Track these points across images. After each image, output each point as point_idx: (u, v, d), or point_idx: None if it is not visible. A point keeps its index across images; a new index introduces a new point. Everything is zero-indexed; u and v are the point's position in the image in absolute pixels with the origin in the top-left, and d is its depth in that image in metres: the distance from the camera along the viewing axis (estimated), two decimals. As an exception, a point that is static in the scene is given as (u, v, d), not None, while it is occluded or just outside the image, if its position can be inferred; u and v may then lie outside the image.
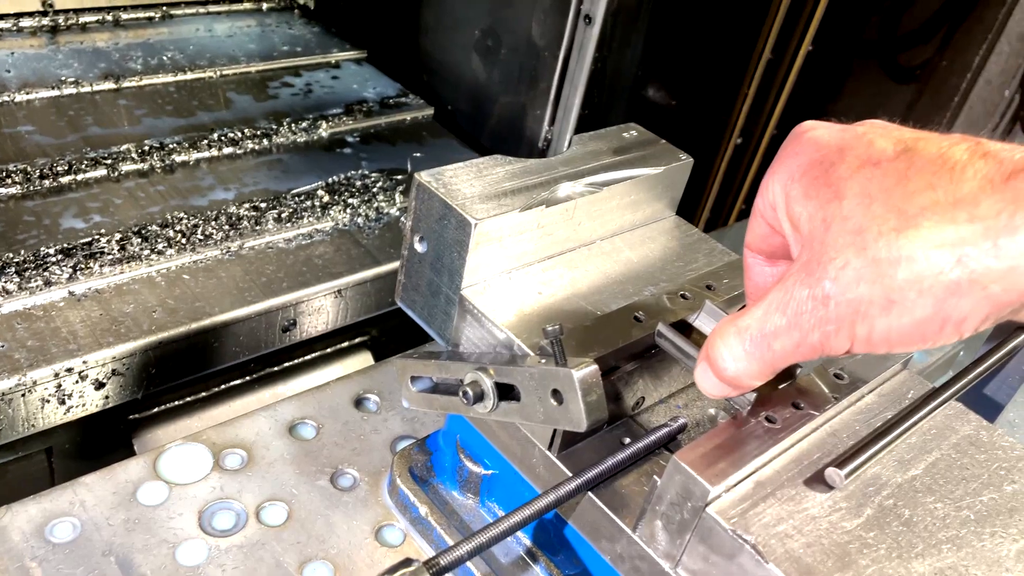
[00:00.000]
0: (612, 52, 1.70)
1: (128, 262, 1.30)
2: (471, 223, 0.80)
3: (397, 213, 1.56)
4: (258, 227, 1.43)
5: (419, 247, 0.86)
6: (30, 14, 1.86)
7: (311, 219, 1.47)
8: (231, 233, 1.40)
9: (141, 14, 1.97)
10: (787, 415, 0.74)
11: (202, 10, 2.06)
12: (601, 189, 0.92)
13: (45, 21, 1.87)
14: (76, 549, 0.85)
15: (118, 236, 1.34)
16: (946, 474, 0.75)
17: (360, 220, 1.51)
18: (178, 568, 0.85)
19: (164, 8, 2.01)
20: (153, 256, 1.32)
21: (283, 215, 1.46)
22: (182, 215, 1.42)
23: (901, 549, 0.68)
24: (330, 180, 1.59)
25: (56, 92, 1.67)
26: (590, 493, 0.77)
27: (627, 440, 0.82)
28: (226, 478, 0.95)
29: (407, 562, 0.66)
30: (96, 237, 1.33)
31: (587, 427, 0.73)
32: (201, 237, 1.38)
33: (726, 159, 2.15)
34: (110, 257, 1.30)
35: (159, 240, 1.35)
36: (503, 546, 0.88)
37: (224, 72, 1.86)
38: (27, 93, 1.65)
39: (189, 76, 1.81)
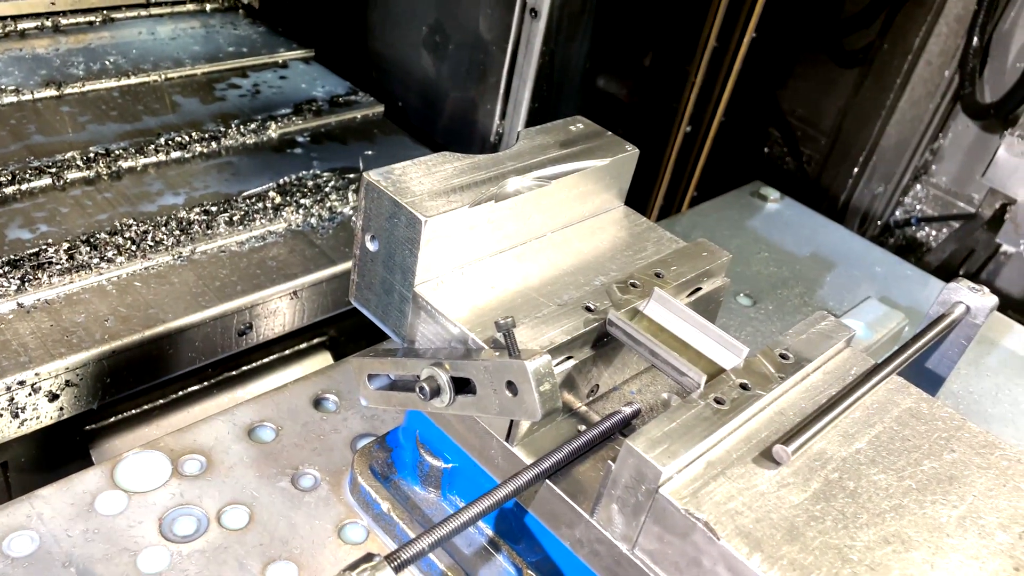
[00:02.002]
0: (559, 45, 1.71)
1: (77, 271, 1.28)
2: (421, 220, 0.81)
3: (350, 212, 1.55)
4: (210, 231, 1.42)
5: (371, 246, 0.87)
6: (-35, 22, 1.82)
7: (263, 221, 1.47)
8: (182, 238, 1.39)
9: (81, 19, 1.94)
10: (735, 396, 0.76)
11: (143, 12, 2.03)
12: (549, 183, 0.93)
13: (-19, 28, 1.83)
14: (35, 562, 0.84)
15: (66, 245, 1.32)
16: (888, 446, 0.78)
17: (313, 220, 1.51)
18: (140, 576, 0.85)
19: (104, 12, 1.97)
20: (103, 264, 1.30)
21: (235, 218, 1.45)
22: (131, 222, 1.40)
23: (846, 520, 0.70)
24: (281, 181, 1.58)
25: (-3, 100, 1.64)
26: (548, 481, 0.79)
27: (583, 427, 0.83)
28: (185, 484, 0.95)
29: (368, 557, 0.67)
30: (43, 247, 1.31)
31: (541, 417, 0.74)
32: (152, 243, 1.36)
33: (676, 147, 2.18)
34: (59, 267, 1.28)
35: (108, 248, 1.33)
36: (466, 537, 0.89)
37: (169, 75, 1.83)
38: (-34, 103, 1.62)
39: (133, 80, 1.79)
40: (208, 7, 2.15)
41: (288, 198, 1.53)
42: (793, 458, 0.73)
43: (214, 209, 1.47)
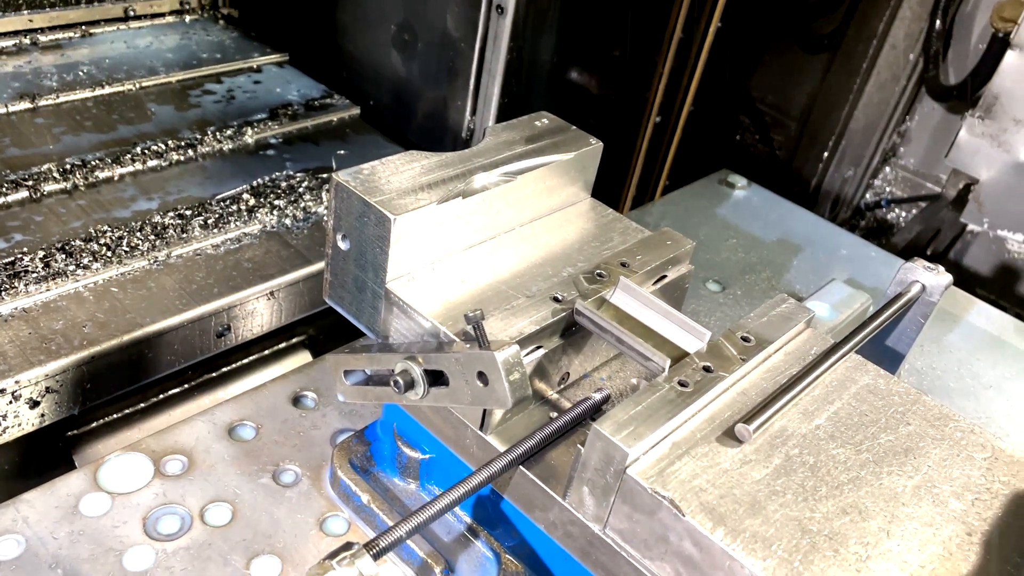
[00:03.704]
0: (527, 40, 1.73)
1: (54, 279, 1.29)
2: (390, 219, 0.83)
3: (325, 212, 1.57)
4: (185, 235, 1.43)
5: (342, 245, 0.89)
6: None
7: (238, 223, 1.48)
8: (157, 243, 1.40)
9: (60, 35, 1.92)
10: (699, 379, 0.79)
11: (123, 27, 2.02)
12: (516, 178, 0.95)
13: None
14: (23, 565, 0.86)
15: (41, 253, 1.33)
16: (847, 421, 0.81)
17: (288, 221, 1.52)
18: (126, 575, 0.87)
19: (83, 27, 1.95)
20: (79, 271, 1.31)
21: (209, 221, 1.47)
22: (106, 228, 1.41)
23: (806, 493, 0.73)
24: (255, 183, 1.59)
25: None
26: (521, 467, 0.81)
27: (554, 414, 0.86)
28: (168, 484, 0.97)
29: (348, 546, 0.69)
30: (19, 256, 1.32)
31: (512, 405, 0.77)
32: (127, 249, 1.38)
33: (647, 137, 2.21)
34: (35, 275, 1.29)
35: (84, 255, 1.34)
36: (445, 524, 0.92)
37: (143, 84, 1.83)
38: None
39: (108, 90, 1.78)
40: (188, 19, 2.14)
41: (262, 200, 1.54)
42: (755, 436, 0.76)
43: (188, 213, 1.48)
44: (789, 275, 1.50)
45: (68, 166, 1.54)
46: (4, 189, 1.46)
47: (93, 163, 1.55)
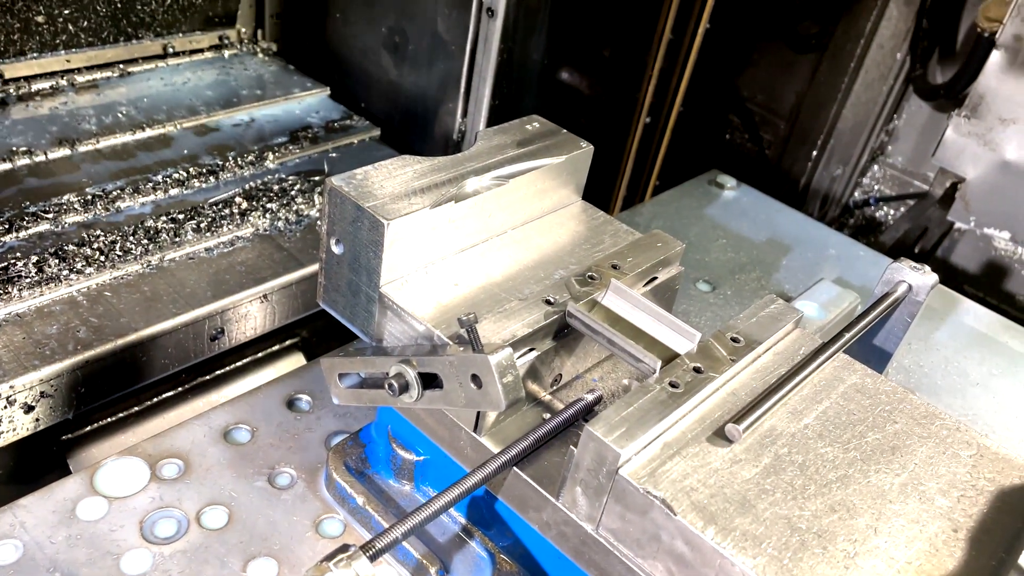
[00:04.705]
0: (517, 43, 1.74)
1: (47, 284, 1.29)
2: (383, 224, 0.84)
3: (317, 214, 1.58)
4: (177, 239, 1.43)
5: (336, 249, 0.90)
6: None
7: (231, 227, 1.49)
8: (150, 247, 1.40)
9: (98, 75, 1.86)
10: (689, 380, 0.80)
11: (161, 64, 1.96)
12: (508, 181, 0.96)
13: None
14: (21, 569, 0.87)
15: (34, 259, 1.33)
16: (835, 420, 0.83)
17: (280, 224, 1.53)
18: (124, 578, 0.88)
19: (121, 66, 1.90)
20: (72, 276, 1.32)
21: (202, 225, 1.47)
22: (99, 232, 1.41)
23: (795, 491, 0.75)
24: (247, 186, 1.60)
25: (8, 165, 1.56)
26: (515, 468, 0.82)
27: (547, 415, 0.87)
28: (164, 487, 0.98)
29: (345, 548, 0.70)
30: (12, 261, 1.32)
31: (505, 407, 0.78)
32: (120, 253, 1.38)
33: (637, 138, 2.22)
34: (28, 280, 1.29)
35: (77, 259, 1.35)
36: (440, 525, 0.93)
37: (184, 125, 1.77)
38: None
39: (148, 133, 1.71)
40: (227, 53, 2.08)
41: (254, 203, 1.55)
42: (744, 436, 0.78)
43: (181, 217, 1.48)
44: (778, 275, 1.51)
45: (89, 196, 1.50)
46: (24, 221, 1.41)
47: (114, 193, 1.51)
